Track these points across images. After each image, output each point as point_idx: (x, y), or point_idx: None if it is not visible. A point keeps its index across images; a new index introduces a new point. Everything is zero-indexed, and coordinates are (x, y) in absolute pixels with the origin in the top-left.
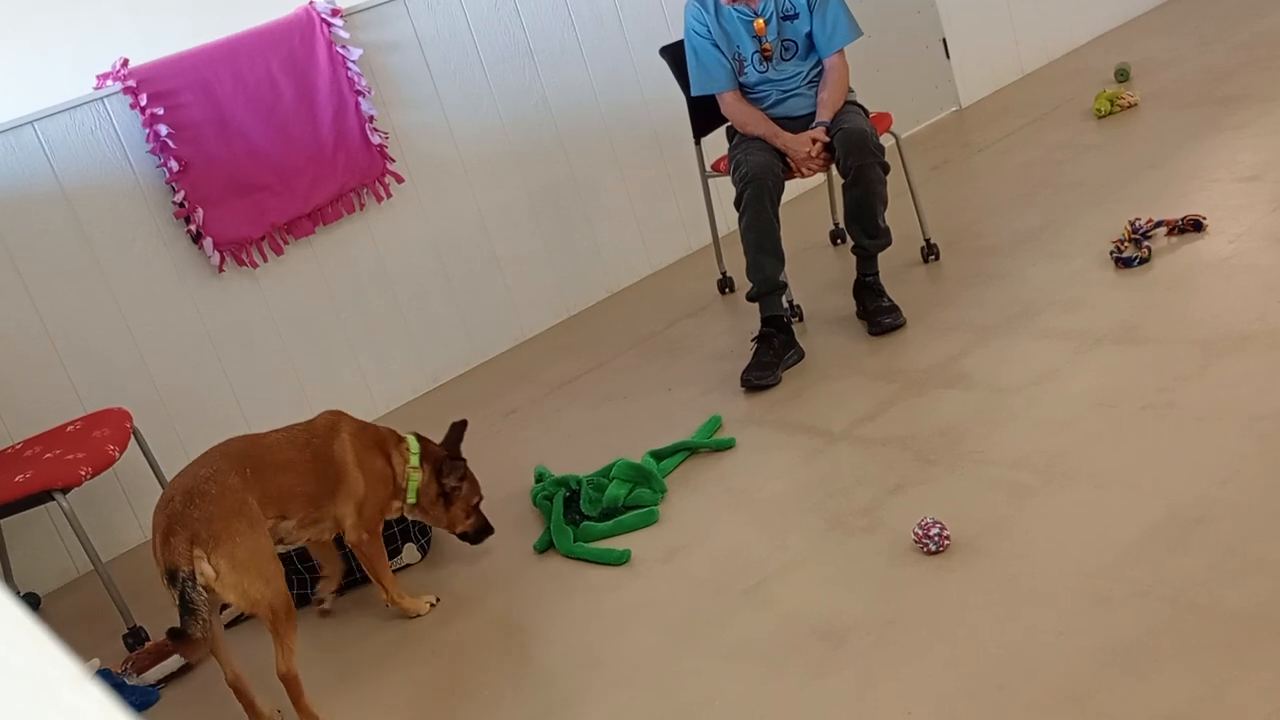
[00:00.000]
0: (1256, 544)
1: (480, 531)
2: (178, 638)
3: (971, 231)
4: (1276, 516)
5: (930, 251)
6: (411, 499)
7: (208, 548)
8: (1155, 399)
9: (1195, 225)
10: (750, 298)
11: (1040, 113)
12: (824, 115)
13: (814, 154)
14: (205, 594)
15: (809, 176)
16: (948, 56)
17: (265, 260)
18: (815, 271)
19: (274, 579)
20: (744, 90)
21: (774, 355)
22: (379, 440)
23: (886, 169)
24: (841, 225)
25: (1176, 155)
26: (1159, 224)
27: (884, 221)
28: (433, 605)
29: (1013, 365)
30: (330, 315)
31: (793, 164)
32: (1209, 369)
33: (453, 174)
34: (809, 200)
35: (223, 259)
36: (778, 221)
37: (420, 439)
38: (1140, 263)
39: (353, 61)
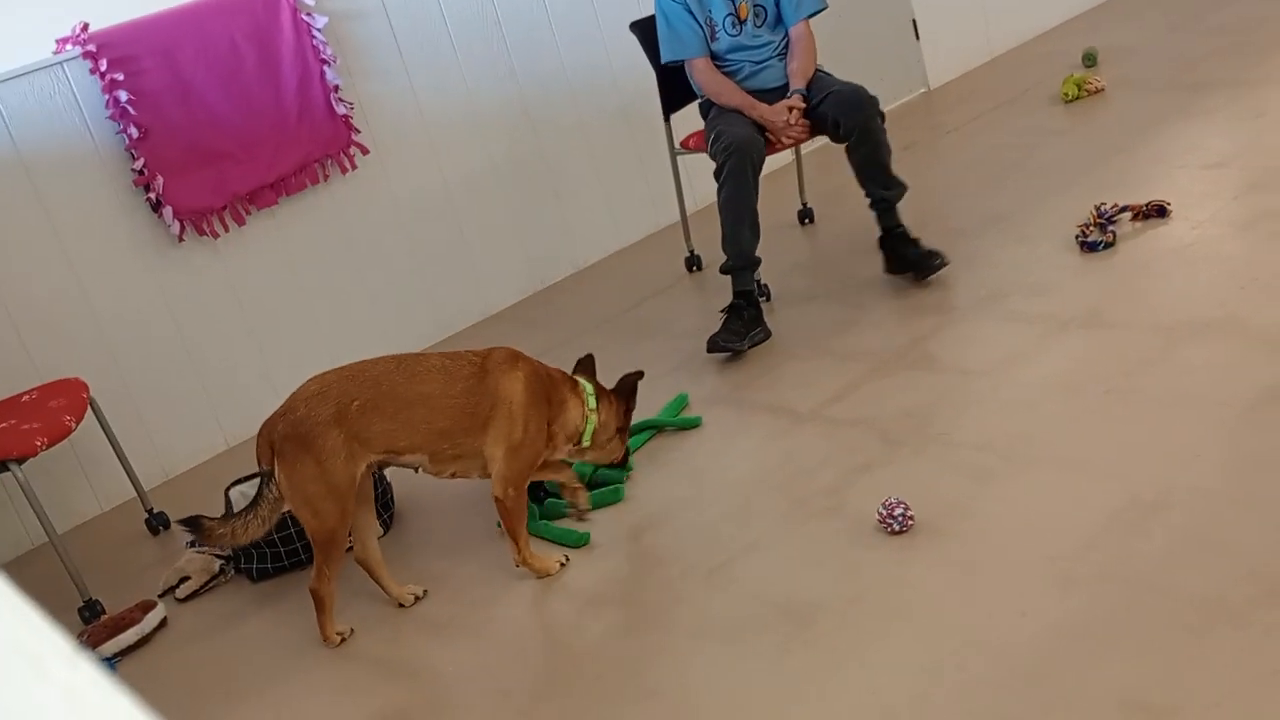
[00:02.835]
0: (1216, 528)
1: (626, 455)
2: (192, 528)
3: (939, 214)
4: (1236, 501)
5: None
6: (586, 442)
7: (280, 462)
8: (1119, 384)
9: (1160, 211)
10: (724, 270)
11: (1008, 96)
12: (798, 83)
13: (793, 121)
14: (277, 491)
15: (789, 147)
16: (917, 38)
17: (226, 230)
18: (783, 251)
19: (323, 514)
20: (716, 61)
21: (743, 326)
22: (553, 389)
23: (884, 117)
24: (809, 205)
25: (1143, 141)
26: (1124, 209)
27: (893, 169)
28: (563, 565)
29: (979, 348)
30: (293, 286)
31: (771, 134)
32: (1172, 354)
33: (419, 146)
34: (776, 179)
35: (183, 228)
36: (758, 195)
37: (591, 381)
38: (1105, 247)
39: (318, 30)
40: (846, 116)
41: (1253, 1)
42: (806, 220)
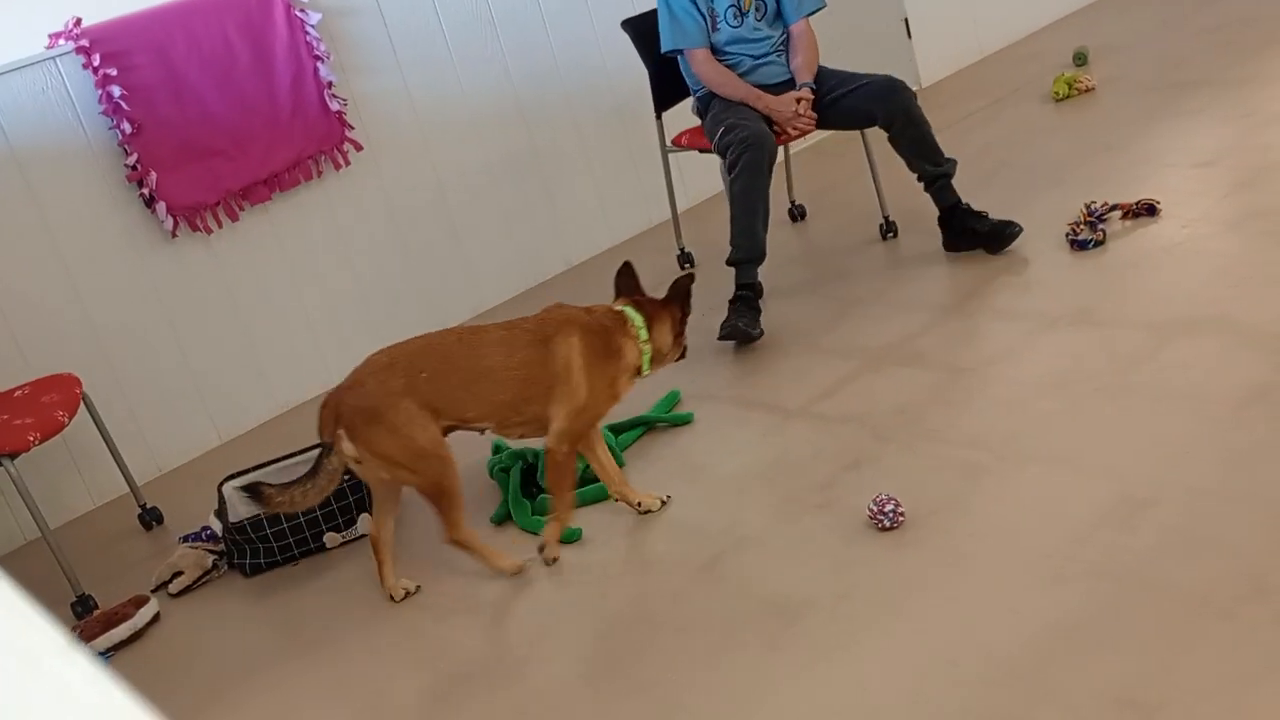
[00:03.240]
0: (1205, 525)
1: (684, 352)
2: (253, 494)
3: (930, 210)
4: (1225, 498)
5: (889, 229)
6: (647, 370)
7: (349, 434)
8: (1109, 381)
9: (1149, 209)
10: (731, 262)
11: (999, 94)
12: (805, 78)
13: (801, 113)
14: (337, 464)
15: (794, 138)
16: (909, 36)
17: (220, 226)
18: (774, 248)
19: (421, 470)
20: (715, 54)
21: (751, 314)
22: (608, 340)
23: (915, 94)
24: (799, 202)
25: (1132, 139)
26: (1114, 207)
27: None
28: (531, 565)
29: (969, 345)
30: (286, 282)
31: (778, 125)
32: (1162, 352)
33: (412, 142)
34: None
35: (176, 224)
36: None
37: (635, 304)
38: (1095, 245)
39: (311, 26)
40: (884, 104)
41: (1236, 3)
42: (797, 217)
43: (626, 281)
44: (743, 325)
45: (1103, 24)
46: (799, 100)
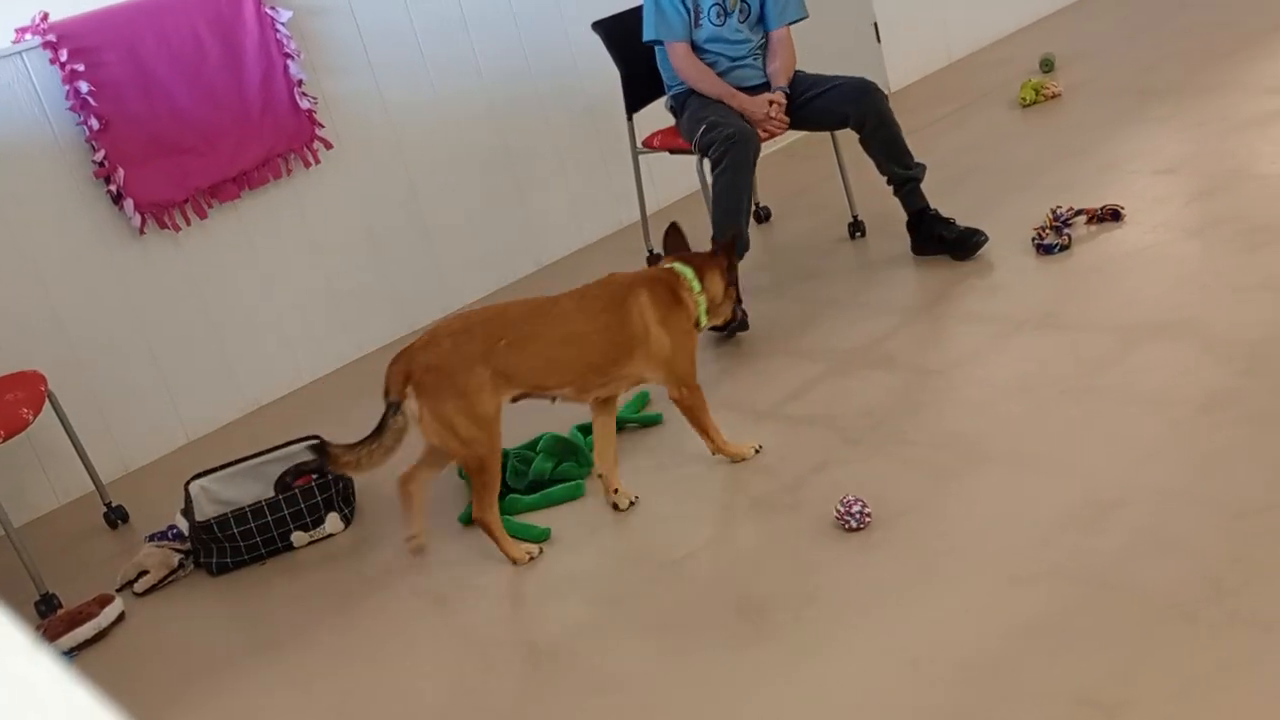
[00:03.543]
0: (1169, 527)
1: (739, 303)
2: (319, 452)
3: (898, 214)
4: (1189, 501)
5: (857, 229)
6: (704, 321)
7: (417, 391)
8: (1074, 384)
9: (1114, 215)
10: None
11: (967, 100)
12: (780, 82)
13: (773, 115)
14: (403, 423)
15: (766, 140)
16: (878, 40)
17: (188, 224)
18: None
19: (472, 442)
20: (694, 50)
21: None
22: (672, 292)
23: (887, 97)
24: (765, 205)
25: (1098, 145)
26: (1079, 212)
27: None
28: (757, 451)
29: (936, 347)
30: (255, 281)
31: (754, 123)
32: (1126, 356)
33: (383, 142)
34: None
35: (144, 221)
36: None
37: (683, 260)
38: (1061, 250)
39: (282, 24)
40: (857, 105)
41: (1205, 10)
42: (763, 218)
43: (674, 241)
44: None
45: (1069, 31)
46: (771, 103)
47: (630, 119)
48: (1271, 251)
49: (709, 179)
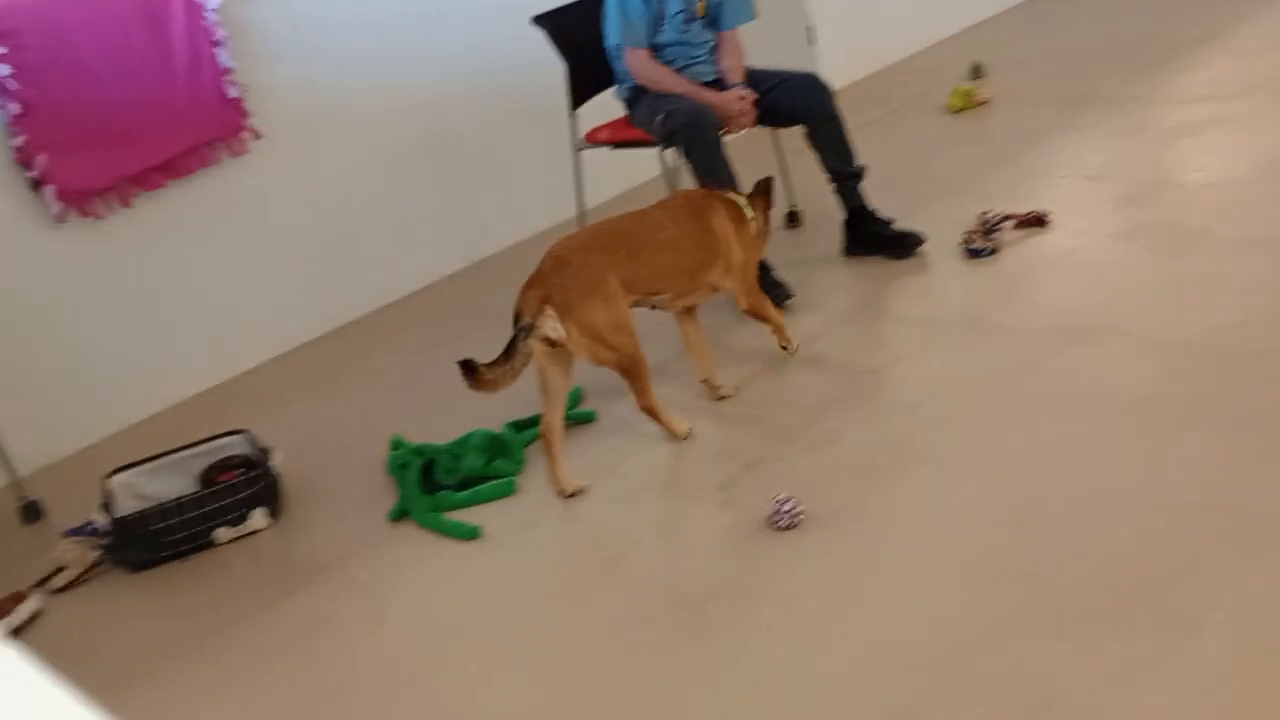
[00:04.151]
0: (1090, 527)
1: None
2: (467, 371)
3: (830, 218)
4: (1110, 500)
5: (794, 219)
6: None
7: (560, 311)
8: (1001, 385)
9: (1040, 220)
10: None
11: (898, 104)
12: (736, 78)
13: (744, 110)
14: (533, 346)
15: (737, 133)
16: (811, 44)
17: (112, 212)
18: None
19: (619, 345)
20: (653, 50)
21: (768, 277)
22: (738, 210)
23: (834, 94)
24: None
25: (1026, 152)
26: (1007, 217)
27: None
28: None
29: (867, 349)
30: (181, 271)
31: (725, 119)
32: (1051, 358)
33: (316, 133)
34: (653, 186)
35: (64, 209)
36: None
37: (735, 192)
38: (989, 254)
39: (210, 11)
40: (805, 99)
41: (1130, 21)
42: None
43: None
44: (778, 293)
45: (999, 38)
46: (742, 99)
47: (574, 113)
48: (1193, 257)
49: (671, 166)
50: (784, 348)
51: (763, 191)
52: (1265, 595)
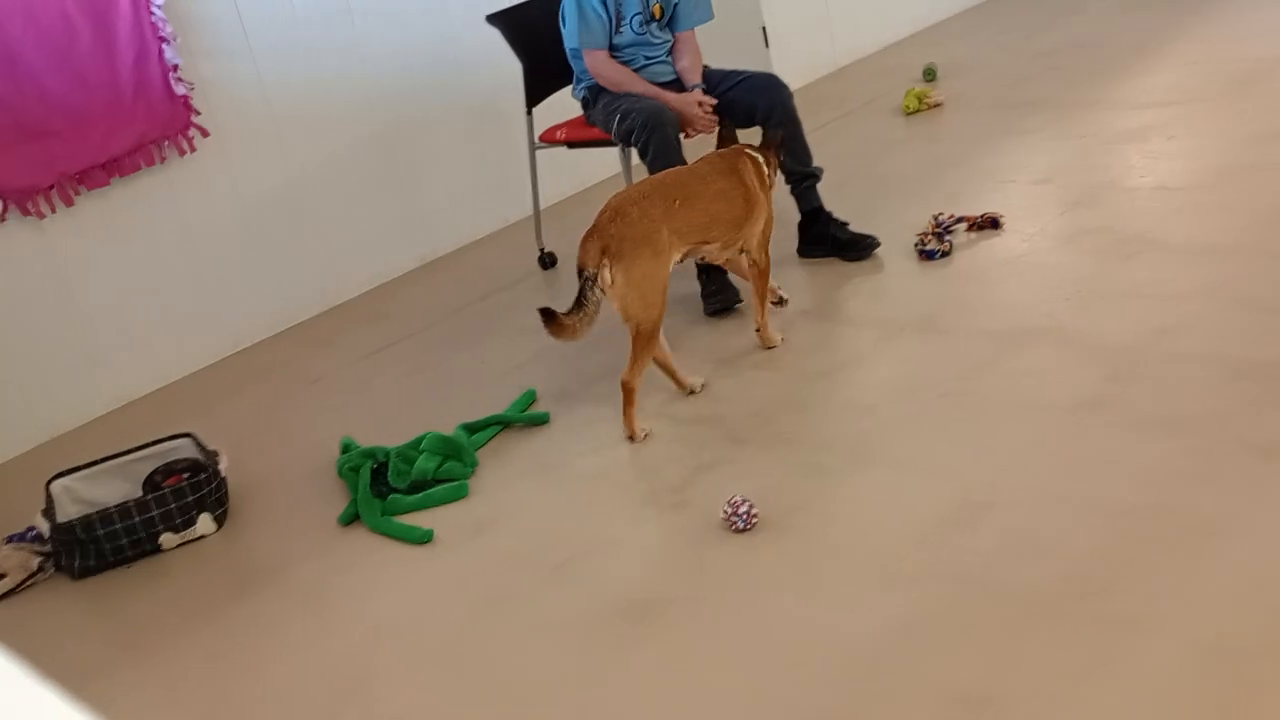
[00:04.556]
0: (1038, 528)
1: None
2: (547, 318)
3: (783, 219)
4: (1059, 502)
5: None
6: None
7: (613, 259)
8: (952, 387)
9: (993, 223)
10: None
11: (852, 107)
12: (695, 79)
13: (705, 113)
14: (600, 295)
15: (694, 136)
16: (766, 45)
17: (54, 211)
18: None
19: (651, 306)
20: (612, 53)
21: (722, 278)
22: (760, 166)
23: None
24: None
25: (977, 155)
26: (960, 220)
27: None
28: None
29: (820, 351)
30: (123, 271)
31: (685, 121)
32: (1001, 360)
33: (264, 131)
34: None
35: (5, 207)
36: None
37: (749, 147)
38: (942, 256)
39: (157, 6)
40: (765, 98)
41: (1078, 27)
42: None
43: (728, 135)
44: (721, 301)
45: (951, 42)
46: (701, 104)
47: (530, 112)
48: (1140, 261)
49: (631, 165)
50: (782, 300)
51: (773, 145)
52: (1208, 595)
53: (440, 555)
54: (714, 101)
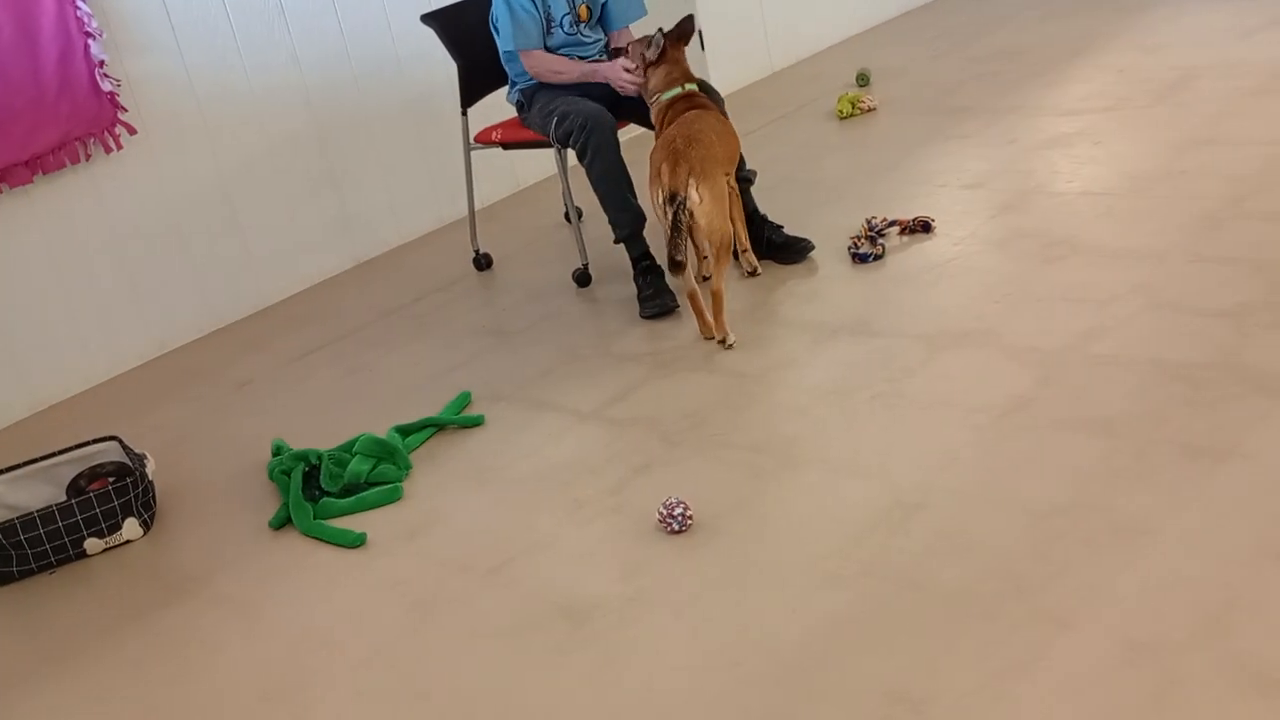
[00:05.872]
0: (970, 528)
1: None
2: (674, 266)
3: None
4: (988, 502)
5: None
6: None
7: (699, 180)
8: (884, 389)
9: (925, 226)
10: (621, 239)
11: (786, 110)
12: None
13: (632, 78)
14: (688, 217)
15: (630, 93)
16: (702, 48)
17: None
18: (561, 250)
19: (728, 220)
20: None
21: (661, 281)
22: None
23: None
24: (578, 205)
25: (910, 159)
26: (892, 223)
27: None
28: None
29: (753, 352)
30: (47, 270)
31: (615, 85)
32: (932, 363)
33: (192, 128)
34: (547, 185)
35: None
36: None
37: (688, 79)
38: (875, 259)
39: (83, 1)
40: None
41: (1008, 34)
42: (579, 218)
43: (683, 29)
44: (662, 304)
45: (884, 47)
46: (626, 69)
47: (465, 113)
48: (1067, 264)
49: (568, 167)
50: (755, 270)
51: (672, 44)
52: (1136, 593)
53: (374, 559)
54: (634, 65)
